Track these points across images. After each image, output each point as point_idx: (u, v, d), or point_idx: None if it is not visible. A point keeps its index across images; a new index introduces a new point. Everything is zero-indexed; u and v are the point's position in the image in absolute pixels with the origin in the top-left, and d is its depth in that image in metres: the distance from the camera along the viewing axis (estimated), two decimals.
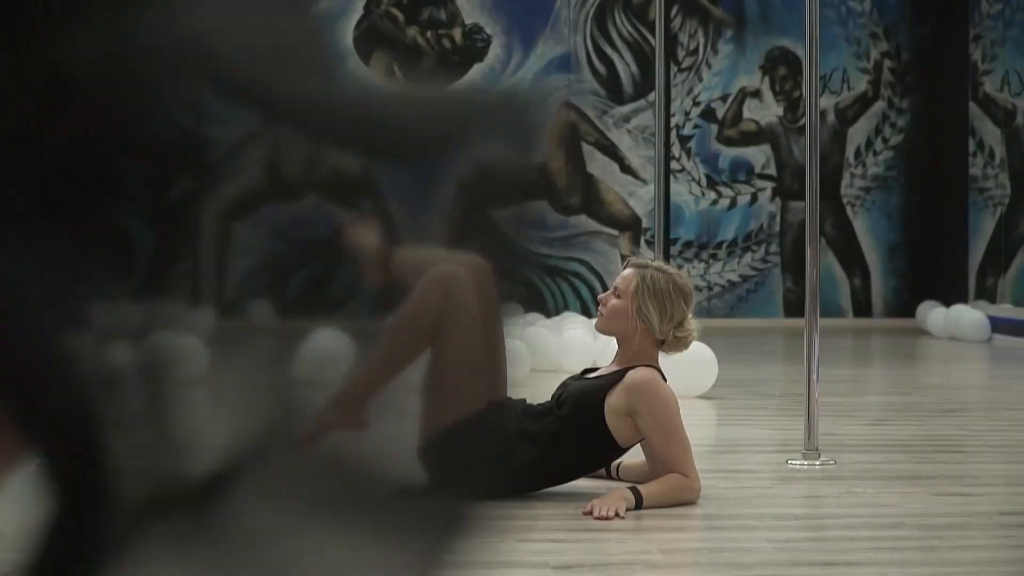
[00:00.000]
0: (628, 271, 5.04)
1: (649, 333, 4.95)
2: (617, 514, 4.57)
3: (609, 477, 5.23)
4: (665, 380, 4.89)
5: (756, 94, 14.92)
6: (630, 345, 4.98)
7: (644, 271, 5.01)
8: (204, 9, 2.32)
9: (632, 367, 4.91)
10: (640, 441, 4.93)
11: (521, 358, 9.05)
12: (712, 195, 14.85)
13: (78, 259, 2.37)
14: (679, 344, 5.01)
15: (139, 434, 2.30)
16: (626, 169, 14.76)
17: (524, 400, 5.03)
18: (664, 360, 5.14)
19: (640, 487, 4.74)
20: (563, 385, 5.05)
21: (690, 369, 8.02)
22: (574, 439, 4.85)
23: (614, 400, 4.84)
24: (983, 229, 13.83)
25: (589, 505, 4.63)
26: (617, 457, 5.02)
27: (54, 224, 2.27)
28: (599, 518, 4.54)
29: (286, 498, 2.44)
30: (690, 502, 4.77)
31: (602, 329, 5.04)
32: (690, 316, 5.02)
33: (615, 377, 4.90)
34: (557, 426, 4.86)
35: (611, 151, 14.75)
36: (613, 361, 5.07)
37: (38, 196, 2.20)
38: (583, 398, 4.88)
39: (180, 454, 2.36)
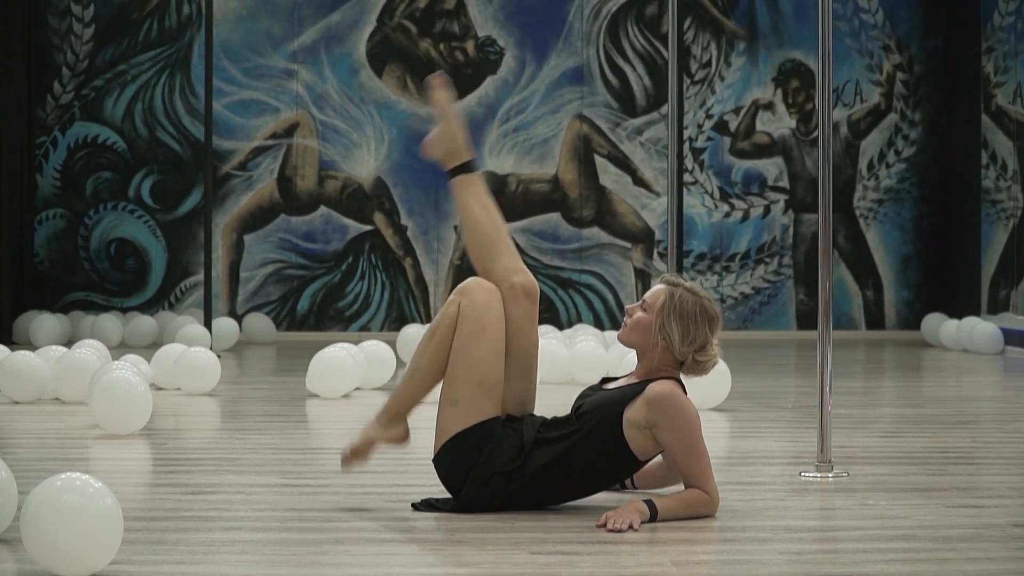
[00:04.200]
0: (659, 286, 5.03)
1: (669, 351, 4.94)
2: (631, 527, 4.57)
3: (622, 487, 5.24)
4: (686, 393, 4.89)
5: (769, 106, 14.93)
6: (650, 360, 4.98)
7: (674, 289, 4.99)
8: None
9: (653, 379, 4.90)
10: (659, 453, 4.94)
11: None
12: (725, 207, 14.86)
13: None
14: (698, 368, 4.98)
15: None
16: (639, 181, 14.77)
17: (543, 417, 5.05)
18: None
19: (656, 500, 4.73)
20: (582, 396, 5.06)
21: (704, 382, 8.03)
22: (592, 450, 4.85)
23: (633, 413, 4.83)
24: (995, 241, 13.81)
25: (603, 517, 4.64)
26: (635, 470, 5.02)
27: None
28: (613, 530, 4.55)
29: None
30: (707, 516, 4.78)
31: (623, 340, 5.03)
32: (714, 342, 4.99)
33: (636, 389, 4.89)
34: (576, 437, 4.87)
35: (624, 163, 14.77)
36: (634, 371, 5.06)
37: None
38: (603, 409, 4.88)
39: None
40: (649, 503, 4.69)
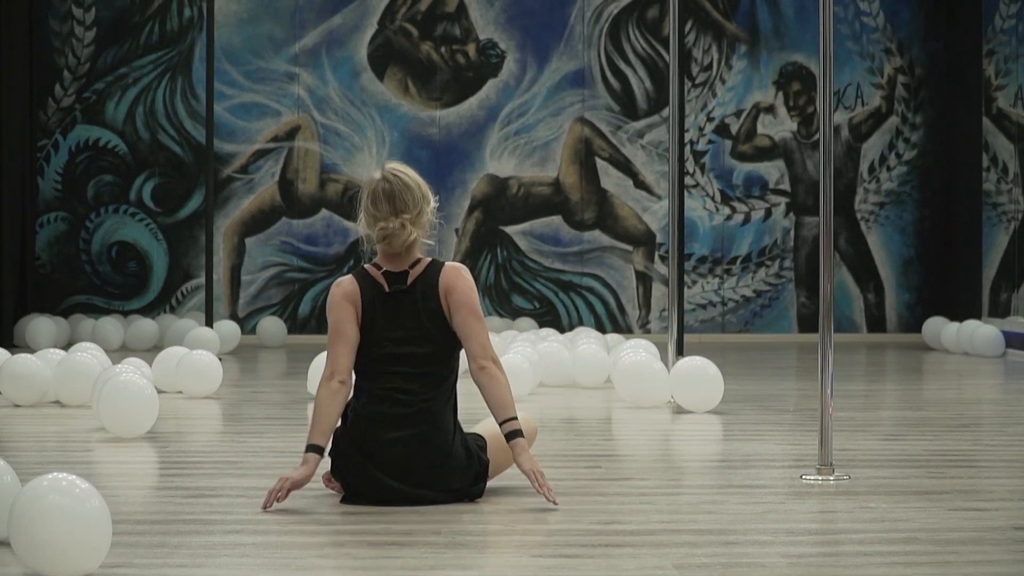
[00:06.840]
0: None
1: None
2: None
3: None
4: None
5: (770, 109, 14.94)
6: None
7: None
8: None
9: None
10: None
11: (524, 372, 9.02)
12: (726, 210, 14.87)
13: None
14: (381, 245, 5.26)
15: None
16: (640, 184, 14.78)
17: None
18: (672, 378, 5.14)
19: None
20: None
21: (697, 385, 8.01)
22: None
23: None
24: (997, 244, 13.81)
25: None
26: None
27: None
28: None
29: None
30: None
31: None
32: (378, 217, 5.24)
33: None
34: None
35: (625, 166, 14.78)
36: None
37: None
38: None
39: None
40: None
